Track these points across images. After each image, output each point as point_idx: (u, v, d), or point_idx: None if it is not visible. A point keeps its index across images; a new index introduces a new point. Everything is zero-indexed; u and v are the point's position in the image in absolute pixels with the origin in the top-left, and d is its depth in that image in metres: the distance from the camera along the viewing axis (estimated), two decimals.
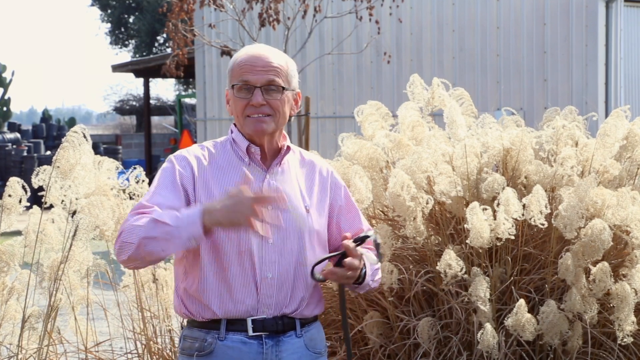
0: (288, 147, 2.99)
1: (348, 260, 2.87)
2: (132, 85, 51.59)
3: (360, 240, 2.92)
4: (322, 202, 3.02)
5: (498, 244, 3.84)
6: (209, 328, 2.90)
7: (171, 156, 2.97)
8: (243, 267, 2.86)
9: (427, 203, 3.90)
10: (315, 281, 2.94)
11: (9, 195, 4.03)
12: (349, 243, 2.88)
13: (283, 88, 2.90)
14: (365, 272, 2.95)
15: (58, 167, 4.00)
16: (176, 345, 4.39)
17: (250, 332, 2.87)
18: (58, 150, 4.04)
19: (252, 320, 2.88)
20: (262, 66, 2.88)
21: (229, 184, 2.88)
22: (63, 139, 4.06)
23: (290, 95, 2.94)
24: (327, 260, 2.94)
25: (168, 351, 4.48)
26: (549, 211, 3.83)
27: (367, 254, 2.96)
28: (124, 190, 4.40)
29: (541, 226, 3.81)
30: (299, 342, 2.94)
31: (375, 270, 3.04)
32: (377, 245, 2.96)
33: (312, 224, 2.94)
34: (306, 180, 3.01)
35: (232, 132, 2.99)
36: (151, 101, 31.19)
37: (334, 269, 2.89)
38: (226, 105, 3.02)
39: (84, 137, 4.07)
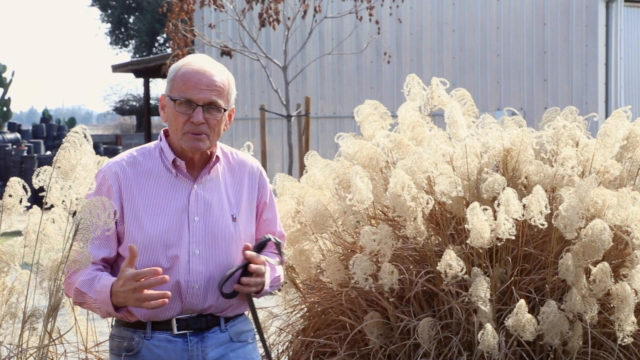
0: (217, 157, 3.02)
1: (254, 267, 2.95)
2: (132, 86, 51.63)
3: (261, 246, 3.02)
4: (251, 205, 3.09)
5: (498, 244, 3.84)
6: (136, 327, 2.99)
7: (99, 173, 3.05)
8: (169, 277, 2.91)
9: (427, 203, 3.90)
10: (226, 298, 3.00)
11: (10, 196, 4.03)
12: (250, 253, 2.97)
13: (224, 109, 2.95)
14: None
15: (59, 167, 4.00)
16: None
17: (175, 331, 2.97)
18: (59, 150, 4.03)
19: (177, 320, 2.97)
20: (207, 85, 2.91)
21: (155, 196, 2.96)
22: (64, 139, 4.06)
23: (226, 114, 2.99)
24: (234, 275, 2.99)
25: None
26: (549, 211, 3.83)
27: (269, 258, 3.04)
28: None
29: (541, 226, 3.81)
30: (224, 336, 3.03)
31: (274, 278, 3.12)
32: (277, 246, 3.05)
33: (238, 232, 3.02)
34: (235, 186, 3.07)
35: (161, 139, 3.03)
36: (151, 101, 31.19)
37: (243, 279, 2.97)
38: (160, 111, 3.05)
39: (85, 137, 4.07)
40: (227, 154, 3.09)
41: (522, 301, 3.74)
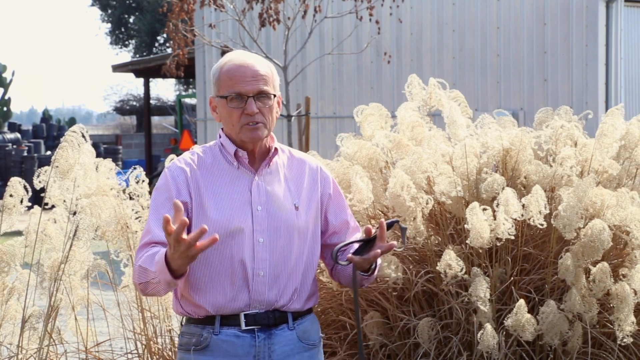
0: (276, 149, 3.10)
1: (380, 244, 2.95)
2: (132, 85, 51.61)
3: (389, 226, 3.02)
4: (312, 197, 3.13)
5: (498, 244, 3.84)
6: (205, 323, 3.02)
7: (165, 170, 3.08)
8: (234, 266, 2.98)
9: (427, 203, 3.90)
10: (342, 265, 3.04)
11: (10, 195, 4.03)
12: (373, 229, 2.98)
13: (273, 95, 3.04)
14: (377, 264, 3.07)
15: (57, 167, 4.01)
16: (176, 346, 4.39)
17: (243, 326, 2.99)
18: (57, 150, 4.04)
19: (245, 315, 3.00)
20: (252, 76, 3.00)
21: (219, 187, 3.02)
22: (62, 139, 4.07)
23: (275, 100, 3.07)
24: (350, 245, 3.03)
25: (168, 351, 4.49)
26: (547, 211, 3.84)
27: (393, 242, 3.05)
28: (124, 191, 4.41)
29: (540, 226, 3.82)
30: (291, 335, 3.05)
31: (378, 265, 3.14)
32: (403, 230, 3.07)
33: (301, 222, 3.06)
34: (295, 178, 3.13)
35: (220, 136, 3.11)
36: (151, 101, 31.19)
37: (366, 255, 2.96)
38: (212, 113, 3.12)
39: (83, 137, 4.07)
40: (286, 151, 3.18)
41: (521, 301, 3.75)
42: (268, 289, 3.00)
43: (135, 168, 4.43)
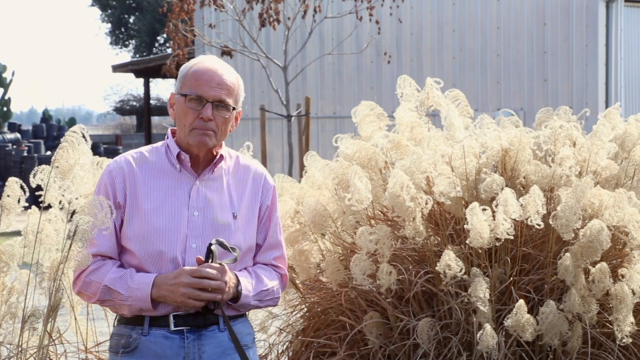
0: (222, 155, 3.08)
1: (205, 280, 2.92)
2: (132, 86, 51.66)
3: (208, 255, 2.97)
4: (253, 207, 3.12)
5: (497, 244, 3.84)
6: (134, 324, 3.02)
7: (105, 168, 3.11)
8: (164, 265, 2.98)
9: (426, 203, 3.90)
10: (210, 312, 3.01)
11: (8, 196, 4.03)
12: (199, 260, 2.95)
13: (233, 108, 3.03)
14: (240, 289, 3.01)
15: (57, 167, 4.00)
16: None
17: (172, 327, 2.98)
18: (57, 150, 4.04)
19: (174, 316, 2.98)
20: (218, 83, 3.00)
21: (157, 188, 3.02)
22: (62, 139, 4.07)
23: (234, 115, 3.06)
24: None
25: None
26: (545, 211, 3.84)
27: (224, 262, 2.99)
28: None
29: (537, 226, 3.81)
30: (222, 336, 3.03)
31: (264, 290, 3.10)
32: (222, 245, 2.99)
33: (237, 230, 3.05)
34: (238, 187, 3.12)
35: (167, 137, 3.11)
36: (151, 101, 31.20)
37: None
38: (169, 109, 3.14)
39: (83, 137, 4.07)
40: (233, 157, 3.16)
41: (521, 301, 3.75)
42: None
43: None
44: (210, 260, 2.95)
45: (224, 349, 3.02)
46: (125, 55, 51.40)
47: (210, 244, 2.96)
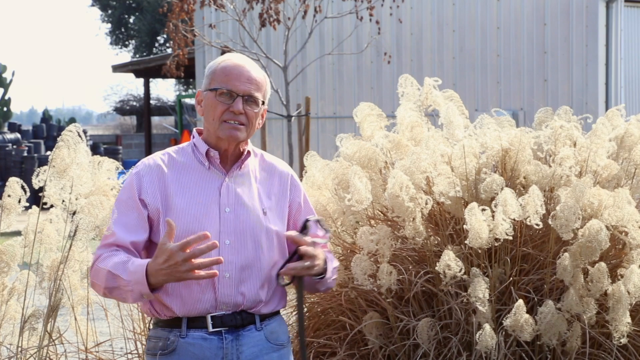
0: (249, 152, 3.11)
1: (302, 248, 3.00)
2: (133, 86, 51.64)
3: (303, 228, 3.05)
4: (282, 203, 3.14)
5: (496, 244, 3.84)
6: (172, 327, 3.02)
7: (133, 168, 3.11)
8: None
9: (426, 204, 3.90)
10: (283, 286, 3.08)
11: (9, 196, 4.03)
12: (292, 233, 3.04)
13: (262, 102, 3.06)
14: (326, 267, 3.08)
15: (54, 166, 4.01)
16: None
17: (210, 329, 2.99)
18: (54, 149, 4.04)
19: (212, 317, 2.99)
20: (247, 78, 3.03)
21: (187, 187, 3.03)
22: (59, 138, 4.07)
23: (262, 110, 3.09)
24: (287, 264, 3.04)
25: None
26: (544, 211, 3.84)
27: (317, 240, 3.07)
28: None
29: (536, 226, 3.82)
30: (259, 335, 3.05)
31: (333, 269, 3.17)
32: (319, 223, 3.08)
33: (268, 225, 3.06)
34: (266, 183, 3.14)
35: (193, 137, 3.13)
36: (151, 101, 31.20)
37: (291, 264, 3.01)
38: (196, 106, 3.15)
39: (79, 136, 4.07)
40: (258, 155, 3.18)
41: (520, 301, 3.75)
42: (234, 292, 3.00)
43: None
44: (304, 234, 3.01)
45: (261, 348, 3.03)
46: (125, 55, 51.42)
47: (307, 220, 3.03)
